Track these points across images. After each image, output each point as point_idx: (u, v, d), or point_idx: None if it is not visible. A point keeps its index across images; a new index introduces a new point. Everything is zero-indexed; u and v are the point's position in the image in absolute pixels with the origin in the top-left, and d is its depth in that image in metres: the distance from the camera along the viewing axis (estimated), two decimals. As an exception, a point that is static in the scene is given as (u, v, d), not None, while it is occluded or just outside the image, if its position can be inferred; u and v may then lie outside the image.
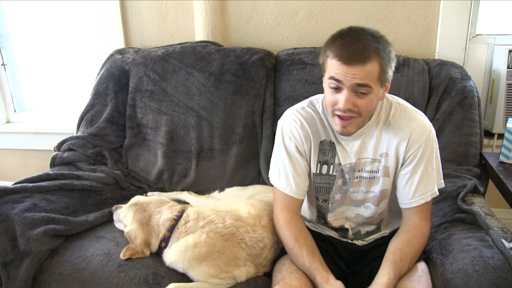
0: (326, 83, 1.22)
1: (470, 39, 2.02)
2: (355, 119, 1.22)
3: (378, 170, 1.33)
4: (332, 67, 1.17)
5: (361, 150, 1.32)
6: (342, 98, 1.18)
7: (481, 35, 2.07)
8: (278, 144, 1.38)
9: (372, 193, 1.36)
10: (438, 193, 1.32)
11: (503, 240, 1.26)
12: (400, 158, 1.30)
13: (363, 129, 1.30)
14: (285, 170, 1.35)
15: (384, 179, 1.33)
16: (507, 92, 1.96)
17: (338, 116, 1.23)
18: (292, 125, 1.35)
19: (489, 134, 2.05)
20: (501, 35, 2.06)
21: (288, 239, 1.31)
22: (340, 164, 1.34)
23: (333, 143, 1.34)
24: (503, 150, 1.73)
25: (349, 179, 1.36)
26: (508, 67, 1.94)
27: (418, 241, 1.27)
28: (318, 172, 1.37)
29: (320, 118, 1.35)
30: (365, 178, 1.34)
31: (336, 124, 1.25)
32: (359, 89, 1.16)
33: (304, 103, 1.39)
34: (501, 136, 1.91)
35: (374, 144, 1.31)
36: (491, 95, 2.06)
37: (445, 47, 2.02)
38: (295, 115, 1.36)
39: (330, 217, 1.42)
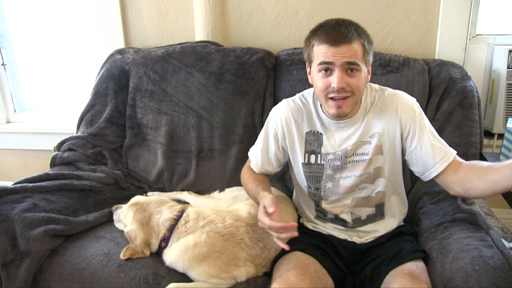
0: (315, 70, 1.29)
1: (470, 39, 2.01)
2: (349, 99, 1.27)
3: (369, 151, 1.37)
4: (321, 52, 1.25)
5: (353, 136, 1.37)
6: (334, 78, 1.24)
7: (481, 35, 2.07)
8: (265, 125, 1.52)
9: (366, 174, 1.38)
10: (455, 152, 1.34)
11: (503, 240, 1.26)
12: (397, 134, 1.35)
13: (353, 117, 1.36)
14: (257, 150, 1.52)
15: (377, 157, 1.37)
16: (507, 92, 1.96)
17: (332, 98, 1.27)
18: (278, 117, 1.45)
19: (489, 134, 2.05)
20: (501, 35, 2.06)
21: (244, 179, 1.53)
22: (327, 153, 1.38)
23: (320, 133, 1.39)
24: (503, 150, 1.73)
25: (340, 166, 1.38)
26: (508, 67, 1.94)
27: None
28: (306, 161, 1.42)
29: (309, 109, 1.42)
30: (357, 161, 1.38)
31: (331, 106, 1.29)
32: (349, 67, 1.23)
33: (297, 95, 1.49)
34: (501, 136, 1.91)
35: (364, 127, 1.36)
36: (491, 95, 2.06)
37: (445, 47, 2.02)
38: (284, 106, 1.46)
39: (325, 204, 1.44)
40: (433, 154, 1.32)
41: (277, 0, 2.10)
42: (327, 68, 1.25)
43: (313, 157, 1.41)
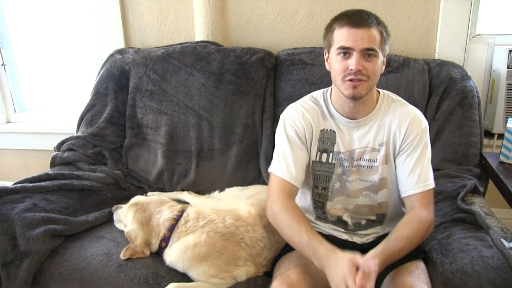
0: (334, 53, 1.30)
1: (470, 39, 2.02)
2: (364, 82, 1.28)
3: (376, 159, 1.36)
4: (342, 35, 1.27)
5: (362, 139, 1.37)
6: (352, 61, 1.25)
7: (481, 35, 2.07)
8: (280, 132, 1.43)
9: (370, 182, 1.38)
10: (432, 188, 1.32)
11: (502, 240, 1.26)
12: (397, 145, 1.35)
13: (366, 117, 1.36)
14: (285, 157, 1.37)
15: (383, 167, 1.36)
16: (507, 92, 1.96)
17: (349, 80, 1.28)
18: (294, 115, 1.42)
19: (489, 134, 2.05)
20: (501, 35, 2.06)
21: (283, 218, 1.28)
22: (339, 152, 1.38)
23: (334, 131, 1.39)
24: (503, 150, 1.73)
25: (347, 168, 1.38)
26: (508, 67, 1.94)
27: (415, 225, 1.26)
28: (318, 160, 1.40)
29: (321, 109, 1.41)
30: (364, 166, 1.37)
31: (347, 88, 1.29)
32: (367, 53, 1.25)
33: (306, 97, 1.47)
34: (501, 136, 1.91)
35: (375, 133, 1.36)
36: (491, 95, 2.06)
37: (445, 47, 2.02)
38: (297, 107, 1.43)
39: (329, 206, 1.43)
40: (409, 176, 1.32)
41: (277, 0, 2.10)
42: (346, 51, 1.26)
43: (324, 155, 1.40)
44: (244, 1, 2.12)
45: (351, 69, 1.25)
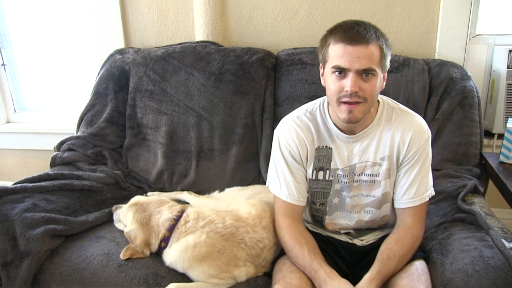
0: (329, 71, 1.23)
1: (470, 39, 2.02)
2: (361, 105, 1.21)
3: (379, 173, 1.34)
4: (337, 53, 1.19)
5: (363, 153, 1.33)
6: (348, 82, 1.18)
7: (481, 35, 2.07)
8: (276, 153, 1.40)
9: (373, 197, 1.36)
10: (427, 199, 1.33)
11: (503, 240, 1.26)
12: (400, 158, 1.33)
13: (365, 130, 1.32)
14: (285, 179, 1.37)
15: (386, 182, 1.34)
16: (507, 92, 1.96)
17: (344, 103, 1.22)
18: (287, 135, 1.37)
19: (489, 134, 2.05)
20: (501, 35, 2.06)
21: (288, 241, 1.33)
22: (336, 169, 1.35)
23: (330, 148, 1.35)
24: (503, 150, 1.73)
25: (347, 183, 1.36)
26: (508, 67, 1.94)
27: (408, 242, 1.29)
28: (314, 178, 1.38)
29: (316, 124, 1.36)
30: (365, 181, 1.35)
31: (342, 111, 1.23)
32: (364, 72, 1.18)
33: (300, 111, 1.40)
34: (501, 136, 1.91)
35: (375, 147, 1.33)
36: (491, 95, 2.06)
37: (445, 47, 2.02)
38: (290, 124, 1.38)
39: (328, 220, 1.43)
40: (407, 190, 1.32)
41: (277, 0, 2.10)
42: (341, 70, 1.19)
43: (321, 173, 1.37)
44: (244, 1, 2.12)
45: (346, 91, 1.19)
